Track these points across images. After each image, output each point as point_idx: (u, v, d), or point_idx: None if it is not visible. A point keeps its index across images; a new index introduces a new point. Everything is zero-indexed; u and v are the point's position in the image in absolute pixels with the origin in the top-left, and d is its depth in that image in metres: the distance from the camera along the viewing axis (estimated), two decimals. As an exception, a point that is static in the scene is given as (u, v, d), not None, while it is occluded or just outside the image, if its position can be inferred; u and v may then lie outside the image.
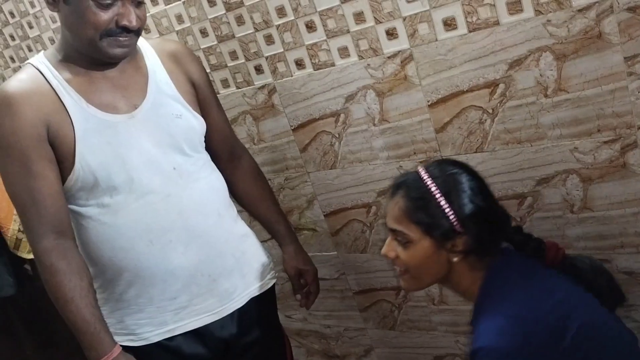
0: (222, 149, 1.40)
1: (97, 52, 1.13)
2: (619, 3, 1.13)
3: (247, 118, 1.77)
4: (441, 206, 1.05)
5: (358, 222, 1.72)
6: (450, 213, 1.05)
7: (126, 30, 1.11)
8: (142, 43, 1.28)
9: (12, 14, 2.02)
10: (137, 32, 1.16)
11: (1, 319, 2.38)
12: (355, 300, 1.88)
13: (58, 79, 1.15)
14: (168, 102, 1.23)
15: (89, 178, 1.15)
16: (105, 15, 1.08)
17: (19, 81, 1.15)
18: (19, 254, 2.24)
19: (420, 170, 1.12)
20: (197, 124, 1.27)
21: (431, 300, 1.71)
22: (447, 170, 1.10)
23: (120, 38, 1.12)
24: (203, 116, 1.32)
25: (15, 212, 2.10)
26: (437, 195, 1.06)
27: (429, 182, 1.08)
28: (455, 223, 1.05)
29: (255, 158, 1.80)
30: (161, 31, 1.76)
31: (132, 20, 1.10)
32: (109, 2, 1.08)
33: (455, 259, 1.07)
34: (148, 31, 1.78)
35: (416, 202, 1.07)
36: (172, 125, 1.22)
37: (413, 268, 1.10)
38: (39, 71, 1.16)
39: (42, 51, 1.23)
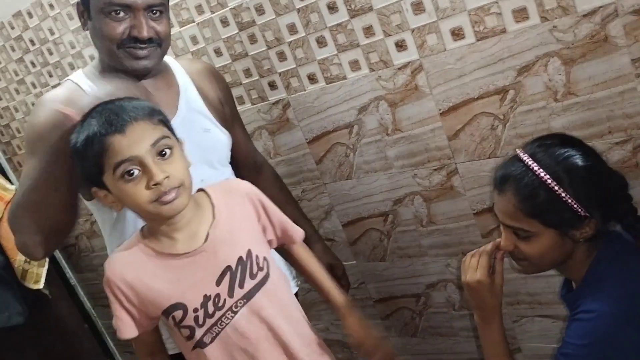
0: (246, 160, 1.46)
1: (119, 64, 1.17)
2: (623, 6, 1.15)
3: (263, 133, 1.81)
4: (561, 197, 0.97)
5: (376, 231, 1.75)
6: (572, 202, 0.97)
7: (138, 41, 1.13)
8: (173, 62, 1.33)
9: (32, 42, 2.09)
10: (158, 44, 1.18)
11: (12, 349, 2.37)
12: (376, 308, 1.90)
13: (94, 90, 1.19)
14: (198, 118, 1.28)
15: None
16: (118, 27, 1.12)
17: (57, 91, 1.20)
18: (26, 284, 2.30)
19: (524, 157, 1.01)
20: (224, 139, 1.33)
21: (452, 306, 1.73)
22: (557, 155, 1.00)
23: (135, 50, 1.14)
24: (229, 131, 1.37)
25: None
26: (555, 187, 0.97)
27: (541, 173, 0.98)
28: (579, 210, 0.97)
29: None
30: (177, 52, 1.81)
31: (142, 31, 1.12)
32: (120, 14, 1.11)
33: (581, 240, 1.01)
34: (164, 53, 1.83)
35: (532, 198, 0.98)
36: (202, 139, 1.26)
37: (536, 259, 1.04)
38: (77, 85, 1.21)
39: (81, 69, 1.28)
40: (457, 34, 1.35)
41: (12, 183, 2.48)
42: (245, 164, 1.44)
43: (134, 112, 0.97)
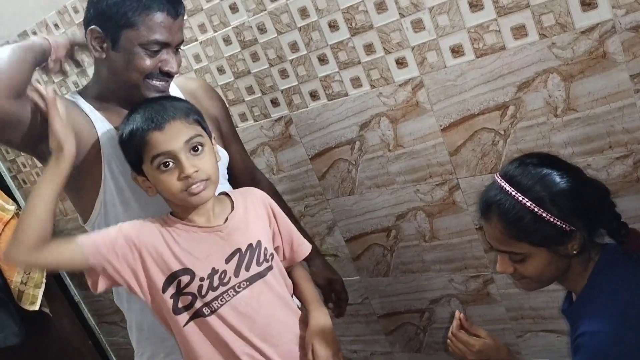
0: (244, 176, 1.48)
1: (137, 94, 1.19)
2: (621, 23, 1.16)
3: (266, 149, 1.82)
4: (543, 217, 0.98)
5: (379, 247, 1.75)
6: (555, 220, 0.98)
7: (168, 75, 1.18)
8: None
9: (38, 61, 2.12)
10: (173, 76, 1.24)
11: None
12: (380, 324, 1.90)
13: (90, 108, 1.22)
14: None
15: (115, 201, 1.21)
16: (151, 62, 1.15)
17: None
18: (22, 305, 2.31)
19: (502, 182, 1.03)
20: (221, 156, 1.33)
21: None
22: (535, 174, 1.01)
23: (159, 83, 1.18)
24: (225, 149, 1.38)
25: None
26: (535, 208, 0.98)
27: (519, 197, 1.00)
28: (564, 226, 0.98)
29: (275, 188, 1.87)
30: (181, 71, 1.83)
31: (174, 67, 1.17)
32: (156, 49, 1.15)
33: (575, 253, 1.01)
34: (167, 71, 1.86)
35: (516, 222, 1.00)
36: None
37: (535, 277, 1.05)
38: (72, 101, 1.23)
39: (69, 93, 1.30)
40: (456, 51, 1.36)
41: (16, 200, 2.50)
42: (243, 181, 1.45)
43: (172, 111, 1.09)
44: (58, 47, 1.20)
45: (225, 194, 1.22)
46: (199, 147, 1.09)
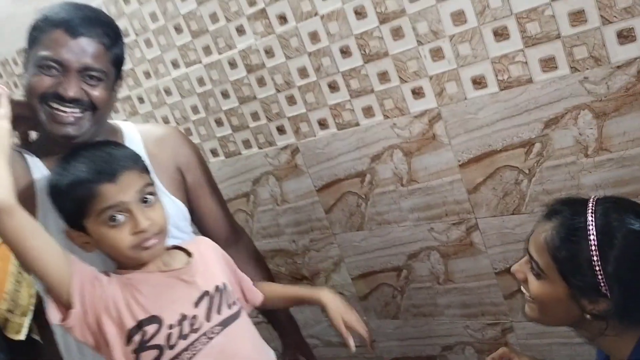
0: (217, 232, 1.29)
1: (45, 126, 1.06)
2: (662, 58, 1.07)
3: (270, 178, 1.72)
4: (593, 263, 0.87)
5: (388, 287, 1.64)
6: (601, 275, 0.87)
7: (62, 99, 1.03)
8: (130, 129, 1.22)
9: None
10: (90, 108, 1.06)
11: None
12: (387, 367, 1.78)
13: (28, 152, 1.10)
14: None
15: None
16: (45, 82, 1.03)
17: None
18: (7, 334, 2.19)
19: (590, 207, 0.91)
20: (172, 209, 1.17)
21: (469, 369, 1.60)
22: (623, 225, 0.88)
23: (58, 112, 1.04)
24: (193, 200, 1.25)
25: (5, 291, 2.07)
26: (592, 244, 0.87)
27: (591, 230, 0.88)
28: (602, 284, 0.87)
29: (279, 219, 1.77)
30: (183, 94, 1.74)
31: (67, 89, 1.02)
32: (52, 71, 1.02)
33: (588, 317, 0.90)
34: (169, 93, 1.77)
35: (565, 241, 0.90)
36: None
37: (539, 302, 0.95)
38: (17, 151, 1.10)
39: None
40: (478, 82, 1.27)
41: None
42: (216, 235, 1.27)
43: (124, 161, 0.99)
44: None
45: (176, 246, 1.10)
46: (150, 198, 1.00)
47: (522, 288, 0.99)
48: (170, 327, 0.98)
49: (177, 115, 1.80)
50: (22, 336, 2.19)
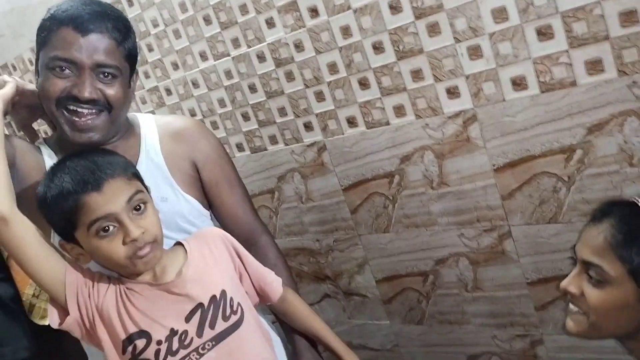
0: (236, 230, 1.22)
1: (66, 133, 1.03)
2: None
3: (296, 176, 1.68)
4: None
5: (413, 291, 1.59)
6: None
7: (78, 100, 1.00)
8: (148, 122, 1.19)
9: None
10: (106, 109, 1.04)
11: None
12: (409, 373, 1.73)
13: (50, 153, 1.09)
14: (157, 184, 1.12)
15: None
16: (59, 84, 1.00)
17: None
18: (32, 319, 2.20)
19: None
20: (185, 207, 1.16)
21: (495, 380, 1.55)
22: None
23: (75, 115, 1.01)
24: (210, 197, 1.21)
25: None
26: None
27: None
28: None
29: (303, 217, 1.73)
30: (210, 86, 1.71)
31: (82, 90, 0.99)
32: (65, 71, 0.99)
33: None
34: (197, 86, 1.74)
35: (629, 235, 0.83)
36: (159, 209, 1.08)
37: (598, 314, 0.86)
38: (37, 146, 1.11)
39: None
40: (518, 83, 1.20)
41: None
42: (236, 233, 1.19)
43: (109, 168, 0.94)
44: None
45: (179, 243, 1.07)
46: (142, 206, 0.96)
47: (571, 304, 0.91)
48: (159, 342, 0.95)
49: (203, 108, 1.77)
50: (47, 321, 2.20)
